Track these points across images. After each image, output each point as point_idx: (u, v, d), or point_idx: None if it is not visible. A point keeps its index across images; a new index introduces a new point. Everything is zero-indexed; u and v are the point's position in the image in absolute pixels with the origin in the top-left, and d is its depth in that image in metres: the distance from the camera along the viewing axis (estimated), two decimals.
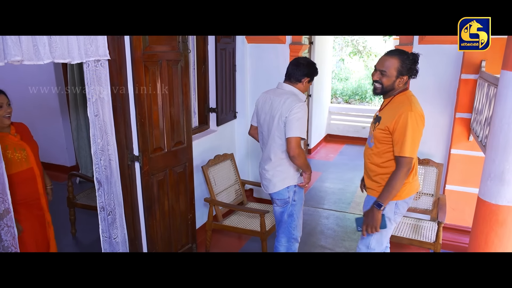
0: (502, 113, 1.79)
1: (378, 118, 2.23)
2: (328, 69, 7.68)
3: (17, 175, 2.28)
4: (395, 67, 2.15)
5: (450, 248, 3.46)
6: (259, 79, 4.18)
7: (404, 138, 2.06)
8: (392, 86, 2.18)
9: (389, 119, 2.13)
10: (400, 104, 2.14)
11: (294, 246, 2.82)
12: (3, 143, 2.21)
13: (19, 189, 2.29)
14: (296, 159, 2.53)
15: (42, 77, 5.05)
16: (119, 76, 2.49)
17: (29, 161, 2.34)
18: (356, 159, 6.46)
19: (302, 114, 2.52)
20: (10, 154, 2.25)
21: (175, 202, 3.04)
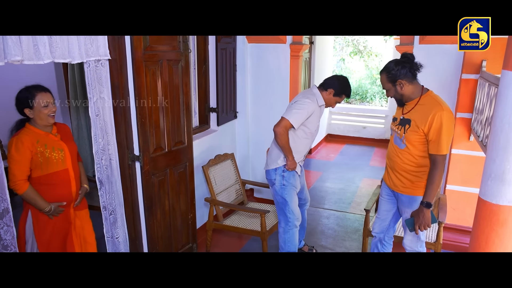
0: (503, 113, 1.78)
1: (407, 121, 2.34)
2: (329, 69, 7.68)
3: (52, 175, 2.25)
4: (386, 80, 2.36)
5: (451, 248, 3.45)
6: (259, 79, 4.18)
7: (440, 137, 2.19)
8: (401, 93, 2.35)
9: (422, 121, 2.24)
10: (429, 105, 2.26)
11: (292, 231, 2.96)
12: (42, 142, 2.21)
13: (52, 190, 2.27)
14: (276, 136, 2.79)
15: (42, 77, 5.04)
16: (120, 76, 2.49)
17: (65, 162, 2.30)
18: (357, 159, 6.46)
19: (304, 108, 2.77)
20: (48, 154, 2.22)
21: (175, 202, 3.04)
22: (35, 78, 5.46)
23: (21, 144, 2.14)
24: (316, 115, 2.90)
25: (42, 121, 2.23)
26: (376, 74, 10.33)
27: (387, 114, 7.36)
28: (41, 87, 2.25)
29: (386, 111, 7.46)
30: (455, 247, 3.46)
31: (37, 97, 2.18)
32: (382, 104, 9.50)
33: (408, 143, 2.33)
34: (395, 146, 2.44)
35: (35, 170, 2.20)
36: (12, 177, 2.14)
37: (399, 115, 2.45)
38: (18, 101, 2.23)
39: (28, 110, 2.19)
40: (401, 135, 2.38)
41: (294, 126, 2.76)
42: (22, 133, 2.19)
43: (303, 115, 2.78)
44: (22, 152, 2.13)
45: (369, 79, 10.35)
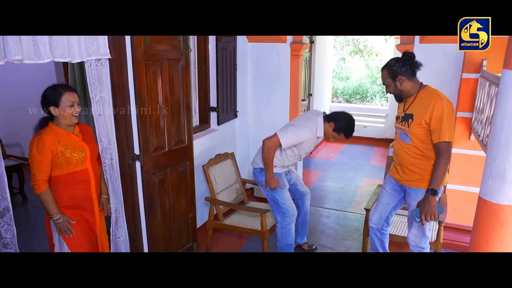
0: (503, 112, 1.78)
1: (409, 115, 2.42)
2: (329, 68, 7.68)
3: (72, 174, 2.25)
4: (386, 76, 2.45)
5: (451, 247, 3.45)
6: (260, 78, 4.18)
7: (441, 125, 2.27)
8: (399, 89, 2.45)
9: (423, 112, 2.33)
10: (428, 98, 2.35)
11: (289, 226, 3.01)
12: (64, 142, 2.21)
13: (71, 190, 2.27)
14: (263, 148, 2.92)
15: (42, 76, 5.05)
16: (120, 75, 2.49)
17: (85, 162, 2.29)
18: (357, 158, 6.46)
19: (299, 135, 2.87)
20: (69, 154, 2.21)
21: (175, 201, 3.04)
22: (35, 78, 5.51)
23: (42, 144, 2.14)
24: (309, 143, 3.00)
25: (66, 120, 2.22)
26: (376, 73, 10.32)
27: (387, 114, 7.36)
28: (68, 87, 2.26)
29: (387, 110, 7.46)
30: (455, 247, 3.46)
31: (63, 96, 2.18)
32: (383, 103, 9.49)
33: (413, 137, 2.41)
34: (401, 142, 2.51)
35: (55, 169, 2.21)
36: (33, 176, 2.16)
37: (401, 112, 2.52)
38: (45, 98, 2.22)
39: (53, 108, 2.19)
40: (405, 130, 2.45)
41: (283, 146, 2.90)
42: (44, 133, 2.19)
43: (295, 140, 2.90)
44: (43, 152, 2.14)
45: (370, 79, 10.34)
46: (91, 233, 2.40)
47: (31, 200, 4.48)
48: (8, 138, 5.36)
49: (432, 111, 2.28)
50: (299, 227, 3.42)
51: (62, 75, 5.02)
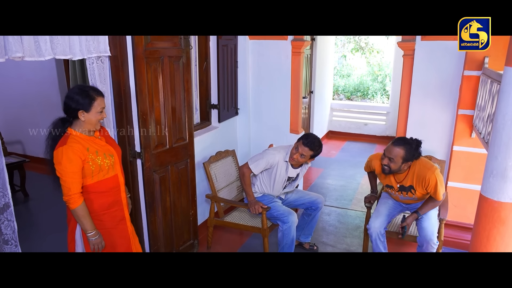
0: (505, 109, 1.78)
1: (409, 187, 2.84)
2: (330, 65, 7.66)
3: (102, 182, 2.12)
4: (401, 155, 2.67)
5: (452, 245, 3.45)
6: (261, 75, 4.17)
7: (436, 190, 2.73)
8: (398, 169, 2.74)
9: (421, 183, 2.77)
10: (420, 171, 2.76)
11: (286, 226, 3.05)
12: (93, 149, 2.06)
13: (103, 197, 2.14)
14: (240, 175, 3.26)
15: (43, 73, 5.06)
16: (121, 72, 2.48)
17: (115, 167, 2.17)
18: (358, 156, 6.45)
19: (265, 157, 3.11)
20: (100, 161, 2.06)
21: (176, 198, 3.04)
22: (36, 75, 5.51)
23: (73, 154, 1.97)
24: (280, 169, 3.15)
25: (91, 126, 2.06)
26: (377, 70, 10.30)
27: (388, 111, 7.34)
28: (99, 91, 2.12)
29: (388, 107, 7.44)
30: (456, 244, 3.46)
31: (96, 102, 2.03)
32: (384, 100, 9.48)
33: (419, 196, 2.87)
34: (404, 200, 2.99)
35: (85, 179, 2.06)
36: (67, 190, 2.00)
37: (394, 183, 2.88)
38: (75, 102, 2.01)
39: (82, 113, 2.02)
40: (410, 196, 2.88)
41: (253, 171, 3.13)
42: (70, 142, 1.99)
43: (263, 164, 3.13)
44: (74, 162, 1.97)
45: (371, 76, 10.31)
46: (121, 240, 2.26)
47: (33, 197, 4.49)
48: (9, 135, 5.36)
49: (428, 183, 2.72)
50: (306, 227, 3.42)
51: (63, 72, 5.03)
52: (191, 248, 3.32)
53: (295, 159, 3.08)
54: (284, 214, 3.07)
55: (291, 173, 3.21)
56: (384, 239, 2.94)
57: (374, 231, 2.89)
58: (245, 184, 3.21)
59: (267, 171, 3.21)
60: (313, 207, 3.34)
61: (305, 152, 3.04)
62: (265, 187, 3.28)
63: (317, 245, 3.52)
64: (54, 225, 3.83)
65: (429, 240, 2.74)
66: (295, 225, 3.07)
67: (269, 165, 3.14)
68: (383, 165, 2.77)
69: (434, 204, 2.87)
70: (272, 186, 3.24)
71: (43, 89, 5.14)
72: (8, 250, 2.10)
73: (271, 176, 3.20)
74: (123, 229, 2.27)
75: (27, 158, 4.84)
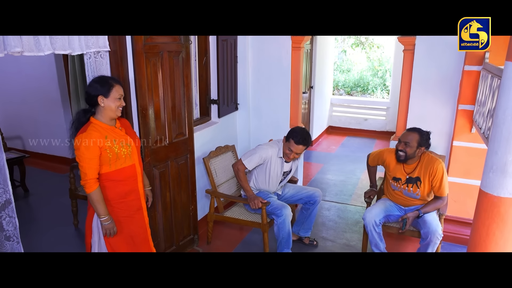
0: (505, 104, 1.78)
1: (416, 179, 2.91)
2: (330, 60, 7.64)
3: (120, 171, 2.19)
4: (416, 139, 2.82)
5: (452, 240, 3.46)
6: (261, 70, 4.16)
7: (441, 183, 2.84)
8: (414, 155, 2.85)
9: (428, 175, 2.86)
10: (429, 161, 2.88)
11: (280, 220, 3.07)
12: (111, 137, 2.14)
13: (120, 186, 2.21)
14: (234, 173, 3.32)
15: (43, 68, 5.04)
16: (120, 67, 2.48)
17: (133, 157, 2.24)
18: (358, 151, 6.45)
19: (258, 152, 3.16)
20: (117, 149, 2.15)
21: (176, 193, 3.04)
22: (35, 70, 5.49)
23: (91, 141, 2.06)
24: (274, 164, 3.19)
25: (111, 113, 2.14)
26: (377, 66, 10.27)
27: (388, 106, 7.34)
28: (118, 80, 2.23)
29: (388, 103, 7.44)
30: (455, 239, 3.47)
31: (114, 88, 2.13)
32: (384, 96, 9.46)
33: (422, 194, 2.93)
34: (408, 197, 3.00)
35: (103, 166, 2.14)
36: (84, 175, 2.09)
37: (403, 175, 2.95)
38: (94, 88, 2.11)
39: (101, 98, 2.10)
40: (415, 191, 2.94)
41: (247, 167, 3.16)
42: (89, 129, 2.09)
43: (256, 159, 3.16)
44: (92, 149, 2.06)
45: (371, 71, 10.29)
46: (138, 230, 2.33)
47: (33, 192, 4.49)
48: (9, 130, 5.36)
49: (435, 172, 2.81)
50: (305, 221, 3.43)
51: (62, 67, 5.02)
52: (191, 243, 3.33)
53: (291, 158, 3.11)
54: (278, 208, 3.08)
55: (286, 167, 3.24)
56: (380, 231, 2.96)
57: (368, 221, 2.93)
58: (242, 181, 3.23)
59: (261, 168, 3.23)
60: (311, 201, 3.34)
61: (300, 150, 3.08)
62: (261, 184, 3.30)
63: (316, 240, 3.53)
64: (54, 220, 3.84)
65: (434, 231, 2.76)
66: (289, 218, 3.07)
67: (262, 160, 3.17)
68: (398, 151, 2.87)
69: (436, 205, 2.90)
70: (267, 182, 3.26)
71: (43, 85, 5.12)
72: (9, 247, 2.10)
73: (266, 172, 3.22)
74: (140, 218, 2.33)
75: (26, 153, 4.83)
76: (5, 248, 2.09)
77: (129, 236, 2.30)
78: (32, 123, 5.41)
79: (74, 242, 3.49)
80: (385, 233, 3.20)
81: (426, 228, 2.81)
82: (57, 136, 5.30)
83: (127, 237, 2.29)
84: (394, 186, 3.03)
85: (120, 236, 2.25)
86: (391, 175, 3.03)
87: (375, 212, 2.96)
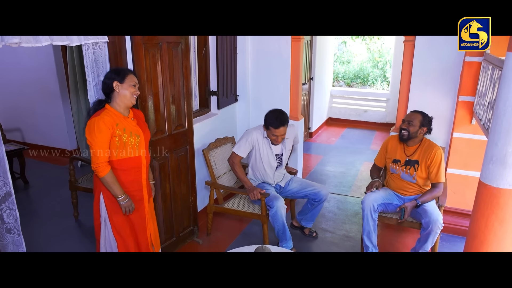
0: (506, 95, 1.77)
1: (415, 161, 2.96)
2: (330, 52, 7.60)
3: (125, 160, 2.22)
4: (419, 119, 2.90)
5: (451, 231, 3.48)
6: (260, 61, 4.14)
7: (439, 169, 2.88)
8: (416, 134, 2.92)
9: (426, 159, 2.91)
10: (428, 146, 2.94)
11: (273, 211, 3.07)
12: (122, 125, 2.18)
13: (123, 176, 2.25)
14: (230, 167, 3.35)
15: (41, 59, 5.01)
16: (119, 58, 2.46)
17: (140, 149, 2.27)
18: (358, 142, 6.45)
19: (244, 137, 3.22)
20: (126, 138, 2.18)
21: (176, 185, 3.05)
22: (33, 61, 5.45)
23: (104, 125, 2.10)
24: (262, 146, 3.22)
25: (126, 100, 2.20)
26: (377, 57, 10.22)
27: (388, 98, 7.32)
28: (132, 71, 2.32)
29: (388, 94, 7.42)
30: (454, 230, 3.49)
31: (129, 76, 2.20)
32: (384, 87, 9.43)
33: (419, 178, 2.97)
34: (404, 181, 3.04)
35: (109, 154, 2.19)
36: (96, 159, 2.12)
37: (402, 157, 3.01)
38: (109, 76, 2.17)
39: (117, 84, 2.16)
40: (412, 173, 2.98)
41: (240, 155, 3.22)
42: (103, 114, 2.13)
43: (244, 144, 3.21)
44: (104, 133, 2.10)
45: (371, 62, 10.24)
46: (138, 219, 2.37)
47: (33, 184, 4.49)
48: (8, 123, 5.35)
49: (433, 157, 2.87)
50: (309, 213, 3.41)
51: (61, 58, 4.99)
52: (191, 235, 3.35)
53: (280, 141, 3.14)
54: (270, 199, 3.10)
55: (276, 150, 3.25)
56: (375, 218, 2.98)
57: (367, 204, 2.96)
58: (238, 173, 3.26)
59: (254, 156, 3.26)
60: (316, 199, 3.31)
61: (283, 131, 3.09)
62: (258, 173, 3.31)
63: (317, 232, 3.54)
64: (54, 212, 3.85)
65: (435, 220, 2.78)
66: (281, 210, 3.06)
67: (250, 144, 3.22)
68: (401, 130, 2.93)
69: (433, 193, 2.92)
70: (263, 168, 3.26)
71: (41, 76, 5.10)
72: (10, 239, 2.11)
73: (257, 158, 3.26)
74: (141, 209, 2.37)
75: (26, 145, 4.83)
76: (6, 240, 2.09)
77: (128, 226, 2.34)
78: (31, 115, 5.39)
79: (75, 234, 3.50)
80: (385, 225, 3.23)
81: (427, 218, 2.82)
82: (56, 128, 5.30)
83: (129, 222, 2.34)
84: (392, 169, 3.05)
85: (123, 220, 2.31)
86: (391, 158, 3.06)
87: (374, 196, 2.99)
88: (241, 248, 2.52)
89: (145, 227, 2.41)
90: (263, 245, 2.29)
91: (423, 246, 2.90)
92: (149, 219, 2.45)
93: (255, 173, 3.35)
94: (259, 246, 2.29)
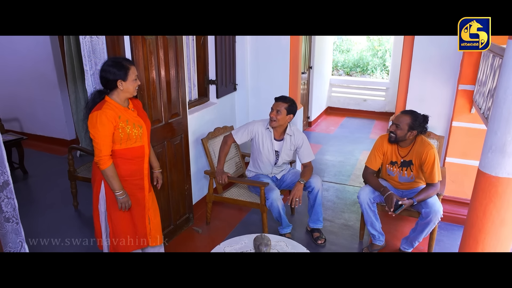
0: (506, 84, 1.75)
1: (409, 162, 2.92)
2: (330, 40, 7.55)
3: (129, 150, 2.24)
4: (407, 122, 2.80)
5: (449, 219, 3.49)
6: (259, 50, 4.11)
7: (433, 169, 2.80)
8: (404, 137, 2.84)
9: (419, 159, 2.85)
10: (420, 146, 2.86)
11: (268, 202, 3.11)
12: (124, 117, 2.18)
13: (127, 164, 2.27)
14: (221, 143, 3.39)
15: (38, 49, 4.97)
16: (116, 47, 2.44)
17: (143, 139, 2.29)
18: (357, 131, 6.45)
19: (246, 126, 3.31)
20: (129, 130, 2.20)
21: (173, 173, 3.06)
22: (30, 51, 5.41)
23: (106, 119, 2.10)
24: (263, 138, 3.24)
25: (128, 94, 2.20)
26: (377, 46, 10.15)
27: (388, 87, 7.29)
28: (131, 61, 2.28)
29: (387, 83, 7.39)
30: (453, 219, 3.50)
31: (130, 70, 2.17)
32: (383, 76, 9.39)
33: (416, 178, 2.96)
34: (403, 183, 3.02)
35: (114, 144, 2.20)
36: (98, 152, 2.13)
37: (397, 158, 2.96)
38: (112, 74, 2.13)
39: (121, 82, 2.15)
40: (409, 174, 2.96)
41: (236, 140, 3.29)
42: (105, 107, 2.13)
43: (242, 131, 3.28)
44: (107, 126, 2.11)
45: (371, 51, 10.18)
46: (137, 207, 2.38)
47: (32, 174, 4.49)
48: (6, 112, 5.33)
49: (426, 157, 2.80)
50: (312, 211, 3.30)
51: (58, 47, 4.95)
52: (187, 222, 3.37)
53: (272, 117, 3.14)
54: (266, 191, 3.12)
55: (276, 146, 3.26)
56: (374, 209, 3.00)
57: (363, 199, 2.96)
58: (221, 151, 3.31)
59: (254, 145, 3.28)
60: (309, 189, 3.25)
61: (279, 107, 3.12)
62: (257, 164, 3.33)
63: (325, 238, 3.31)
64: (53, 201, 3.86)
65: (436, 211, 2.77)
66: (276, 202, 3.06)
67: (250, 133, 3.27)
68: (390, 133, 2.89)
69: (429, 193, 2.82)
70: (261, 160, 3.28)
71: (39, 66, 5.06)
72: (9, 228, 2.10)
73: (256, 148, 3.28)
74: (141, 197, 2.38)
75: (24, 135, 4.82)
76: (5, 229, 2.09)
77: (128, 213, 2.36)
78: (29, 105, 5.37)
79: (74, 223, 3.51)
80: (383, 213, 3.23)
81: (428, 208, 2.80)
82: (54, 118, 5.28)
83: (127, 214, 2.35)
84: (390, 171, 3.03)
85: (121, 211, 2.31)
86: (388, 159, 3.02)
87: (368, 189, 2.99)
88: (241, 237, 2.54)
89: (144, 214, 2.41)
90: (262, 234, 2.30)
91: (417, 236, 2.90)
92: (149, 207, 2.45)
93: (255, 164, 3.36)
94: (258, 235, 2.30)
